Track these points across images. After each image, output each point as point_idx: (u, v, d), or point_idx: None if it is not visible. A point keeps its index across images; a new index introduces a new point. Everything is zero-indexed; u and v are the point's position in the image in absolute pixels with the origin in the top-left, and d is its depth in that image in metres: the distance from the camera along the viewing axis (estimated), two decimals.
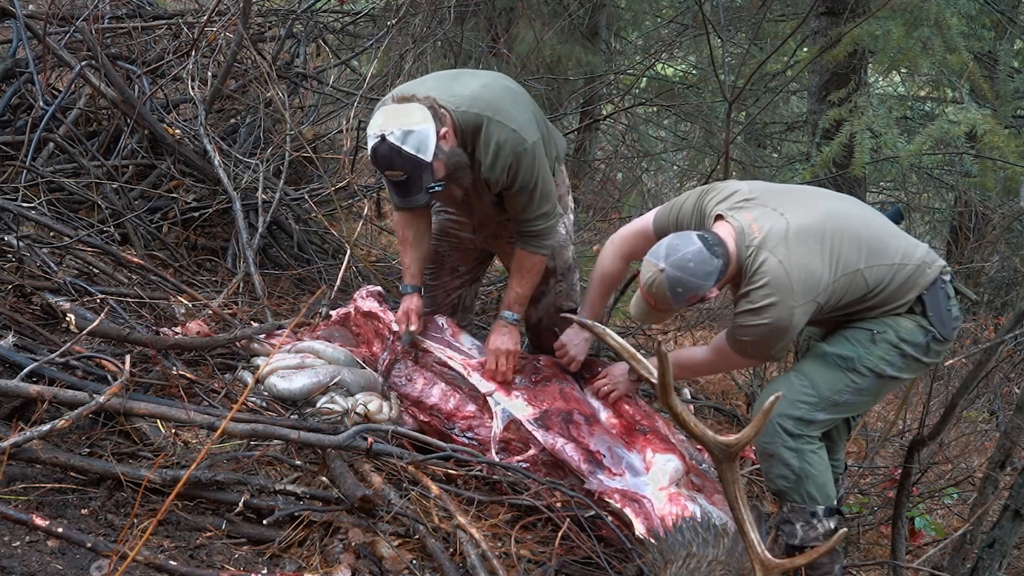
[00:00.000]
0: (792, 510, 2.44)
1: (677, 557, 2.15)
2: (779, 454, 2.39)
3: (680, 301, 2.32)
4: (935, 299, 2.40)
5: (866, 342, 2.40)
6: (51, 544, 1.84)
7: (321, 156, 4.81)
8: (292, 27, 4.94)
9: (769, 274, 2.27)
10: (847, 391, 2.41)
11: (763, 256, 2.28)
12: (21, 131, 3.62)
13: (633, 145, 7.45)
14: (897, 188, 6.75)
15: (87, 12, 4.08)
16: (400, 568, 2.10)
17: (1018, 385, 4.96)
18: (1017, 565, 3.54)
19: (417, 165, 2.41)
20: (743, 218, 2.37)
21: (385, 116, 2.44)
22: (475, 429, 2.73)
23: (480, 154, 2.55)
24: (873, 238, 2.40)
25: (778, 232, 2.31)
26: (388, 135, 2.39)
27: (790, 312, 2.27)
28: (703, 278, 2.28)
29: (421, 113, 2.42)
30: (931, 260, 2.43)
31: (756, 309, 2.29)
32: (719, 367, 2.60)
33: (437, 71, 2.95)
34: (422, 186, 2.46)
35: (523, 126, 2.55)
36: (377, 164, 2.47)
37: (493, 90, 2.60)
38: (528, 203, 2.66)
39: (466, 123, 2.51)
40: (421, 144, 2.40)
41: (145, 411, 2.26)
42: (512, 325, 2.82)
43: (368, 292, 3.16)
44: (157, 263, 3.53)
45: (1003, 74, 4.00)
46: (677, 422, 1.89)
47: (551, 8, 6.36)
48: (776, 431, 2.37)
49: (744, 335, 2.36)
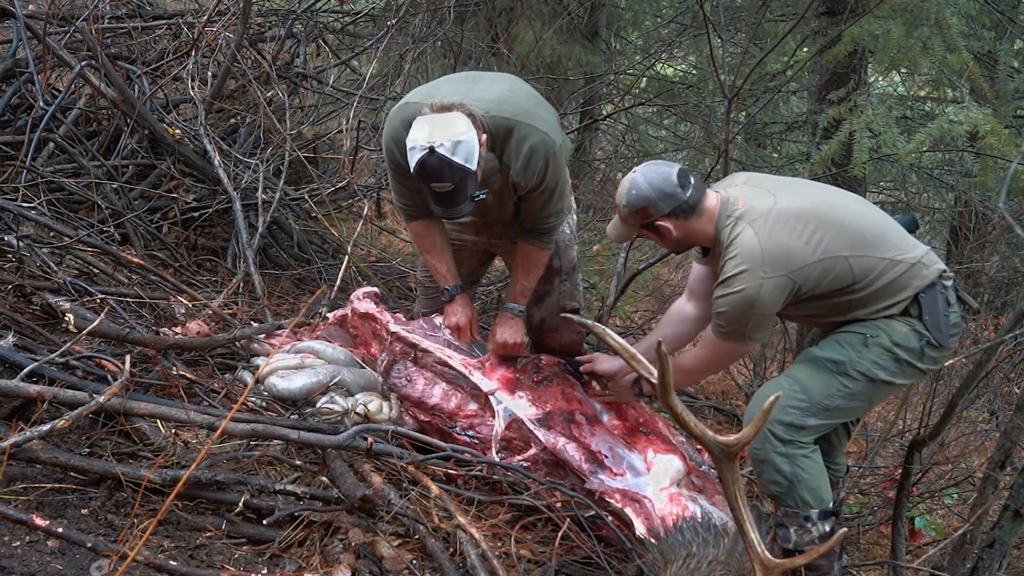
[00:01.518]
0: (786, 514, 2.43)
1: (677, 557, 2.15)
2: (770, 460, 2.38)
3: (632, 209, 2.43)
4: (932, 302, 2.37)
5: (858, 346, 2.39)
6: (51, 544, 1.84)
7: (321, 156, 4.82)
8: (292, 27, 4.94)
9: (741, 245, 2.31)
10: (839, 396, 2.39)
11: (740, 227, 2.34)
12: (21, 131, 3.63)
13: (633, 145, 7.46)
14: (897, 188, 6.75)
15: (87, 12, 4.09)
16: (400, 568, 2.10)
17: (1018, 385, 4.96)
18: (1017, 565, 3.54)
19: (465, 175, 2.36)
20: (732, 192, 2.45)
21: (430, 126, 2.35)
22: (477, 428, 2.73)
23: (510, 158, 2.53)
24: (865, 230, 2.39)
25: (762, 209, 2.36)
26: (438, 147, 2.31)
27: (759, 283, 2.28)
28: (658, 196, 2.40)
29: (465, 122, 2.37)
30: (929, 262, 2.40)
31: (727, 279, 2.33)
32: (712, 361, 2.58)
33: (449, 74, 2.91)
34: (467, 195, 2.42)
35: (552, 129, 2.55)
36: (424, 176, 2.38)
37: (519, 94, 2.60)
38: (546, 203, 2.66)
39: (496, 127, 2.49)
40: (469, 154, 2.35)
41: (145, 411, 2.26)
42: (518, 317, 2.85)
43: (364, 293, 3.16)
44: (157, 263, 3.53)
45: (1003, 74, 4.00)
46: (677, 422, 1.89)
47: (551, 8, 6.36)
48: (766, 437, 2.37)
49: (717, 307, 2.38)
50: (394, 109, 2.62)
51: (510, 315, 2.85)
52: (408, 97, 2.61)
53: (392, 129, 2.58)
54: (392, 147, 2.59)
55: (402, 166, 2.56)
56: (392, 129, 2.58)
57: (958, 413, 3.50)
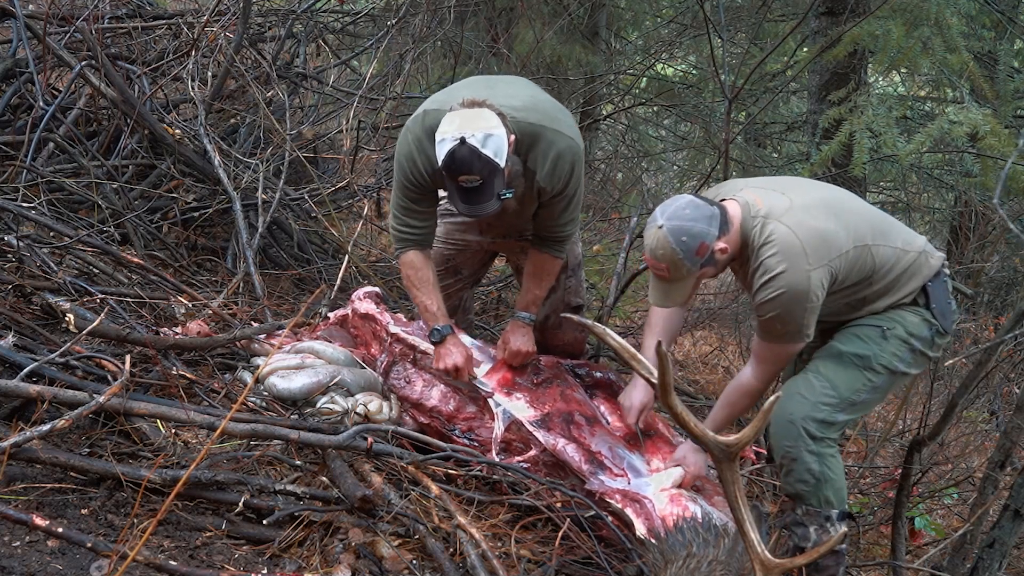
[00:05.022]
0: (807, 513, 2.41)
1: (677, 557, 2.15)
2: (802, 458, 2.35)
3: (690, 254, 2.23)
4: (938, 291, 2.40)
5: (878, 339, 2.39)
6: (51, 544, 1.84)
7: (321, 156, 4.82)
8: (292, 27, 4.94)
9: (778, 242, 2.24)
10: (864, 390, 2.39)
11: (771, 225, 2.27)
12: (21, 131, 3.62)
13: (633, 145, 7.46)
14: (897, 188, 6.74)
15: (87, 12, 4.08)
16: (400, 568, 2.10)
17: (1018, 385, 4.96)
18: (1017, 565, 3.54)
19: (493, 170, 2.33)
20: (746, 195, 2.37)
21: (461, 119, 2.33)
22: (476, 430, 2.73)
23: (536, 163, 2.51)
24: (878, 219, 2.42)
25: (783, 206, 2.30)
26: (469, 137, 2.29)
27: (806, 276, 2.22)
28: (705, 223, 2.23)
29: (495, 119, 2.35)
30: (931, 251, 2.44)
31: (770, 279, 2.24)
32: (769, 370, 2.44)
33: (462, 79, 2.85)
34: (494, 192, 2.37)
35: (576, 134, 2.55)
36: (452, 169, 2.33)
37: (542, 100, 2.59)
38: (564, 209, 2.64)
39: (522, 132, 2.46)
40: (498, 149, 2.32)
41: (145, 411, 2.26)
42: (529, 325, 2.84)
43: (365, 294, 3.15)
44: (157, 263, 3.53)
45: (1003, 74, 3.99)
46: (677, 422, 1.89)
47: (551, 8, 6.36)
48: (800, 435, 2.34)
49: (768, 312, 2.28)
50: (411, 120, 2.57)
51: (521, 324, 2.83)
52: (426, 105, 2.56)
53: (414, 138, 2.52)
54: (413, 155, 2.53)
55: (418, 178, 2.54)
56: (414, 138, 2.52)
57: (958, 413, 3.49)
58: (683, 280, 2.32)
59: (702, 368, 5.96)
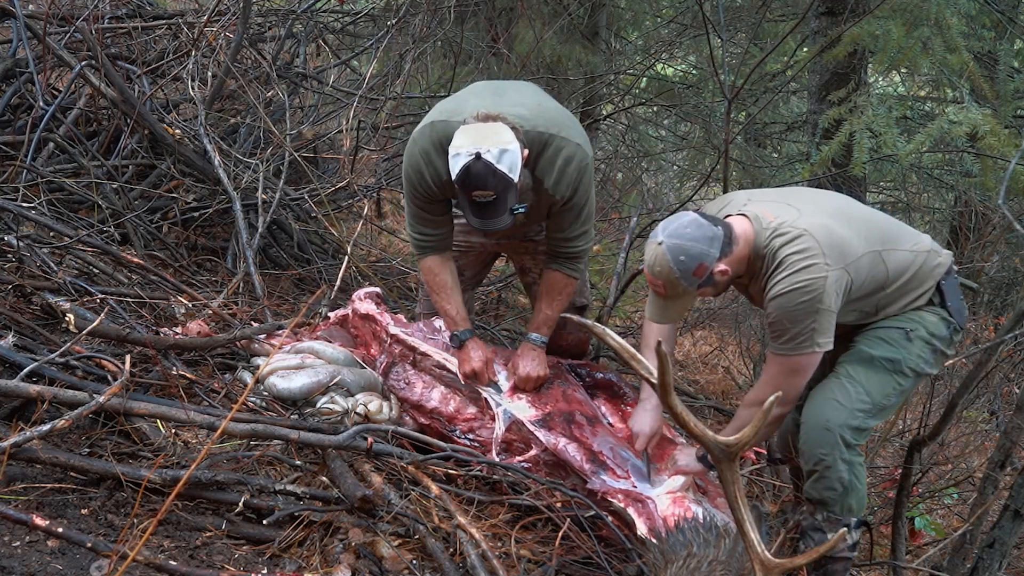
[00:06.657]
0: (828, 519, 2.39)
1: (677, 557, 2.15)
2: (836, 466, 2.32)
3: (687, 274, 2.21)
4: (952, 288, 2.39)
5: (903, 342, 2.36)
6: (51, 544, 1.84)
7: (321, 156, 4.82)
8: (292, 27, 4.95)
9: (797, 244, 2.21)
10: (894, 394, 2.37)
11: (786, 232, 2.24)
12: (21, 131, 3.63)
13: (633, 145, 7.46)
14: (897, 188, 6.74)
15: (87, 12, 4.09)
16: (400, 568, 2.10)
17: (1018, 385, 4.96)
18: (1017, 565, 3.54)
19: (508, 186, 2.31)
20: (754, 208, 2.34)
21: (476, 134, 2.32)
22: (476, 431, 2.73)
23: (543, 171, 2.49)
24: (886, 225, 2.42)
25: (794, 216, 2.28)
26: (484, 153, 2.27)
27: (824, 273, 2.17)
28: (706, 243, 2.20)
29: (510, 133, 2.33)
30: (937, 249, 2.43)
31: (789, 274, 2.20)
32: (789, 381, 2.31)
33: (471, 82, 2.84)
34: (507, 207, 2.36)
35: (583, 141, 2.52)
36: (466, 184, 2.32)
37: (549, 106, 2.57)
38: (575, 219, 2.61)
39: (531, 141, 2.44)
40: (513, 164, 2.31)
41: (145, 411, 2.26)
42: (541, 348, 2.77)
43: (366, 294, 3.15)
44: (157, 263, 3.53)
45: (1003, 74, 3.99)
46: (677, 422, 1.89)
47: (551, 8, 6.36)
48: (836, 442, 2.30)
49: (780, 307, 2.22)
50: (417, 130, 2.54)
51: (532, 346, 2.76)
52: (432, 116, 2.53)
53: (421, 150, 2.50)
54: (421, 168, 2.51)
55: (426, 189, 2.52)
56: (421, 150, 2.50)
57: (958, 413, 3.49)
58: (679, 298, 2.32)
59: (702, 368, 5.97)
